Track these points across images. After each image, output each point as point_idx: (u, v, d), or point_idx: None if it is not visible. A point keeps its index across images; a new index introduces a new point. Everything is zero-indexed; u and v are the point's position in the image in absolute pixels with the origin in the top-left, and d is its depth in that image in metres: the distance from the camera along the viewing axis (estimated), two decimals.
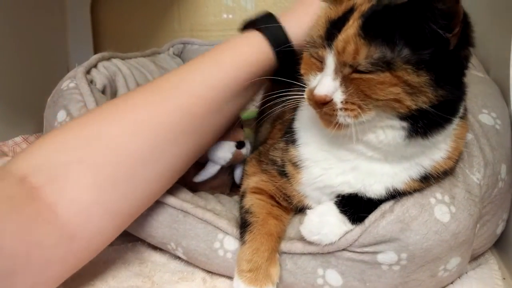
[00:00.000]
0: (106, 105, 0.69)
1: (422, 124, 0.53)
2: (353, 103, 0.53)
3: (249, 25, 0.75)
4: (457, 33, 0.50)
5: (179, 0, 1.48)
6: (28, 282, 0.55)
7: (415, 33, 0.50)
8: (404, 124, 0.54)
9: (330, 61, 0.54)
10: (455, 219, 0.60)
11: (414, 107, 0.52)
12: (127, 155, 0.62)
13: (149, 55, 1.20)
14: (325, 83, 0.54)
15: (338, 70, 0.54)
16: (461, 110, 0.59)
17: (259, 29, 0.72)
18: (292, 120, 0.69)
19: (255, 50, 0.71)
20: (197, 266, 0.72)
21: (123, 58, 1.05)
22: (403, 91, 0.51)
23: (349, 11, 0.55)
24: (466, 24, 0.52)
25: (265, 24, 0.72)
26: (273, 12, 0.74)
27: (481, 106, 0.74)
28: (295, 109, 0.70)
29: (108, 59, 0.99)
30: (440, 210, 0.60)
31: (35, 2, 1.29)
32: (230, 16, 1.48)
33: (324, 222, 0.62)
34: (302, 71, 0.61)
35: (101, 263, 0.70)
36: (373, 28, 0.51)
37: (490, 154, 0.67)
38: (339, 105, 0.53)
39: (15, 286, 0.53)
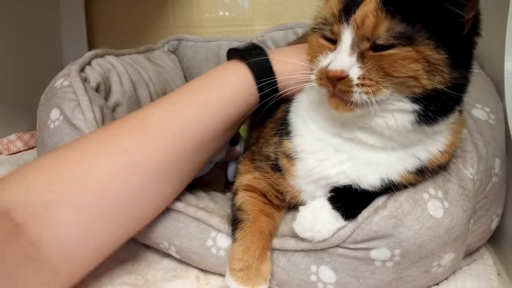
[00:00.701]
0: (91, 140, 0.67)
1: (434, 107, 0.53)
2: (370, 79, 0.52)
3: (238, 55, 0.74)
4: (471, 18, 0.52)
5: None
6: None
7: (434, 13, 0.51)
8: (416, 107, 0.54)
9: (347, 36, 0.54)
10: (449, 215, 0.60)
11: (430, 86, 0.52)
12: (112, 196, 0.61)
13: (144, 51, 1.19)
14: (342, 58, 0.53)
15: (355, 46, 0.53)
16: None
17: (245, 62, 0.72)
18: (286, 113, 0.69)
19: (244, 89, 0.71)
20: (190, 264, 0.72)
21: (117, 55, 1.04)
22: (422, 68, 0.51)
23: None
24: (477, 14, 0.53)
25: (256, 61, 0.71)
26: (263, 48, 0.74)
27: (474, 101, 0.73)
28: (287, 105, 0.70)
29: (102, 56, 0.99)
30: (434, 206, 0.60)
31: None
32: (227, 13, 1.48)
33: (317, 219, 0.61)
34: (308, 56, 0.61)
35: None
36: (393, 5, 0.51)
37: (483, 149, 0.67)
38: (355, 81, 0.52)
39: None
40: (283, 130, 0.67)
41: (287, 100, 0.70)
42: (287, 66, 0.68)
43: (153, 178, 0.64)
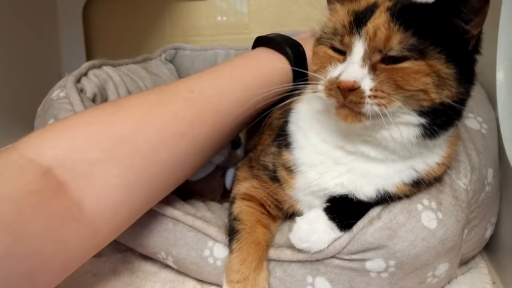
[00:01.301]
0: (145, 100, 0.66)
1: (440, 121, 0.54)
2: (382, 91, 0.52)
3: (271, 43, 0.77)
4: (477, 34, 0.54)
5: (171, 6, 1.48)
6: (48, 280, 0.53)
7: (444, 28, 0.52)
8: (422, 120, 0.54)
9: (359, 47, 0.54)
10: (442, 225, 0.60)
11: (438, 100, 0.53)
12: (159, 162, 0.62)
13: (141, 61, 1.20)
14: (354, 69, 0.53)
15: (366, 57, 0.54)
16: None
17: (281, 53, 0.75)
18: (284, 123, 0.69)
19: (283, 78, 0.74)
20: (187, 275, 0.72)
21: (114, 65, 1.04)
22: (432, 81, 0.52)
23: (373, 5, 0.57)
24: (480, 32, 0.55)
25: (290, 48, 0.75)
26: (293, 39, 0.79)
27: (467, 111, 0.73)
28: (283, 114, 0.70)
29: (99, 66, 0.99)
30: (427, 217, 0.60)
31: (27, 9, 1.29)
32: (224, 18, 1.48)
33: (314, 229, 0.62)
34: (314, 66, 0.61)
35: (90, 275, 0.70)
36: (405, 20, 0.52)
37: (476, 159, 0.68)
38: (368, 92, 0.52)
39: (36, 285, 0.51)
40: (282, 141, 0.67)
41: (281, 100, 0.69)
42: None
43: (195, 150, 0.66)
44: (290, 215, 0.70)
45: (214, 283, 0.70)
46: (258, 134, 0.82)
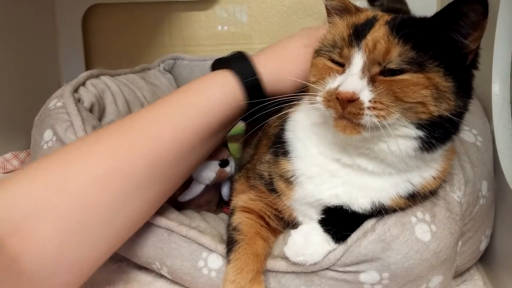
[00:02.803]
0: (71, 148, 0.65)
1: (438, 134, 0.55)
2: (381, 103, 0.52)
3: (221, 64, 0.74)
4: (475, 49, 0.54)
5: (170, 16, 1.49)
6: None
7: (443, 42, 0.53)
8: (420, 133, 0.55)
9: (358, 59, 0.55)
10: (436, 238, 0.60)
11: (436, 113, 0.53)
12: (92, 203, 0.59)
13: (139, 71, 1.20)
14: (353, 80, 0.54)
15: (365, 69, 0.54)
16: None
17: (230, 69, 0.71)
18: (281, 131, 0.69)
19: (228, 93, 0.70)
20: (182, 285, 0.72)
21: (112, 75, 1.05)
22: (431, 94, 0.52)
23: (372, 19, 0.58)
24: (478, 47, 0.55)
25: (239, 65, 0.71)
26: (245, 53, 0.74)
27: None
28: (281, 122, 0.70)
29: (97, 76, 0.99)
30: (421, 229, 0.60)
31: (26, 18, 1.30)
32: (225, 27, 1.49)
33: (309, 242, 0.62)
34: (312, 78, 0.61)
35: (85, 286, 0.70)
36: (404, 33, 0.53)
37: (470, 172, 0.68)
38: (367, 104, 0.52)
39: None
40: (279, 148, 0.67)
41: (280, 108, 0.68)
42: (274, 63, 0.69)
43: (134, 184, 0.62)
44: (293, 225, 0.69)
45: None
46: (254, 144, 0.82)
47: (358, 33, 0.56)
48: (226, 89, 0.70)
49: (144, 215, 0.67)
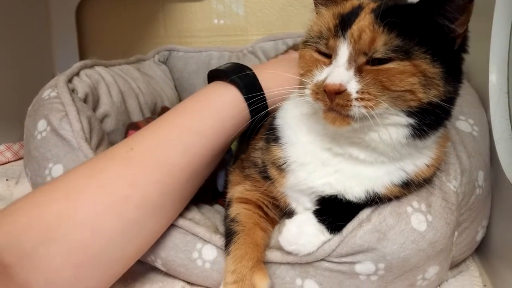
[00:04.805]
0: (80, 173, 0.62)
1: (429, 120, 0.54)
2: (369, 93, 0.52)
3: (221, 75, 0.73)
4: (463, 33, 0.54)
5: (165, 7, 1.48)
6: None
7: (429, 28, 0.52)
8: (411, 120, 0.54)
9: (344, 50, 0.54)
10: (432, 228, 0.60)
11: (425, 100, 0.53)
12: (105, 233, 0.58)
13: (134, 62, 1.20)
14: (339, 72, 0.53)
15: (352, 60, 0.54)
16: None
17: (232, 82, 0.70)
18: (272, 119, 0.69)
19: (236, 113, 0.69)
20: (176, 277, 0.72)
21: (106, 66, 1.04)
22: (419, 81, 0.52)
23: (358, 7, 0.57)
24: (466, 30, 0.55)
25: (242, 79, 0.70)
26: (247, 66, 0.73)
27: (458, 113, 0.74)
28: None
29: (91, 66, 0.99)
30: (417, 219, 0.60)
31: (20, 9, 1.29)
32: (222, 21, 1.48)
33: (302, 232, 0.61)
34: (301, 70, 0.61)
35: None
36: (389, 21, 0.52)
37: (466, 161, 0.67)
38: (354, 95, 0.52)
39: None
40: (271, 135, 0.67)
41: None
42: (275, 81, 0.67)
43: (146, 212, 0.61)
44: (288, 214, 0.69)
45: (203, 286, 0.70)
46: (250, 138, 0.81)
47: (344, 23, 0.55)
48: (235, 105, 0.69)
49: (157, 235, 0.67)
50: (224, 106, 0.69)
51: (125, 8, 1.48)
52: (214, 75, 0.74)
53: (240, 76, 0.70)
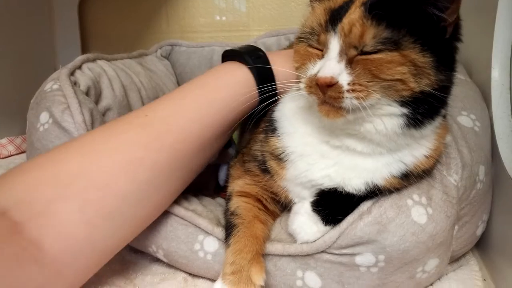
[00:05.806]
0: (96, 135, 0.65)
1: (422, 109, 0.55)
2: (360, 84, 0.53)
3: (236, 55, 0.75)
4: (453, 21, 0.54)
5: (167, 2, 1.48)
6: None
7: (418, 18, 0.52)
8: (405, 110, 0.55)
9: (335, 44, 0.55)
10: (432, 221, 0.60)
11: (417, 89, 0.53)
12: (118, 192, 0.59)
13: (136, 56, 1.20)
14: (330, 65, 0.54)
15: (343, 53, 0.54)
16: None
17: (247, 65, 0.73)
18: (271, 112, 0.69)
19: (247, 91, 0.72)
20: (178, 268, 0.72)
21: (108, 60, 1.04)
22: (409, 71, 0.52)
23: (349, 1, 0.57)
24: (458, 19, 0.55)
25: (256, 61, 0.73)
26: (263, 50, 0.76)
27: (460, 108, 0.74)
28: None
29: (93, 60, 0.99)
30: (417, 212, 0.60)
31: (22, 3, 1.29)
32: (224, 18, 1.48)
33: (295, 219, 0.63)
34: (296, 64, 0.62)
35: None
36: (378, 13, 0.52)
37: (468, 156, 0.67)
38: (345, 87, 0.53)
39: None
40: (269, 127, 0.68)
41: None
42: (286, 65, 0.69)
43: (158, 175, 0.64)
44: (289, 208, 0.69)
45: (204, 277, 0.70)
46: (250, 131, 0.82)
47: (334, 18, 0.56)
48: (247, 87, 0.72)
49: (165, 204, 0.69)
50: (236, 80, 0.73)
51: (127, 3, 1.48)
52: (230, 54, 0.78)
53: (252, 57, 0.73)
